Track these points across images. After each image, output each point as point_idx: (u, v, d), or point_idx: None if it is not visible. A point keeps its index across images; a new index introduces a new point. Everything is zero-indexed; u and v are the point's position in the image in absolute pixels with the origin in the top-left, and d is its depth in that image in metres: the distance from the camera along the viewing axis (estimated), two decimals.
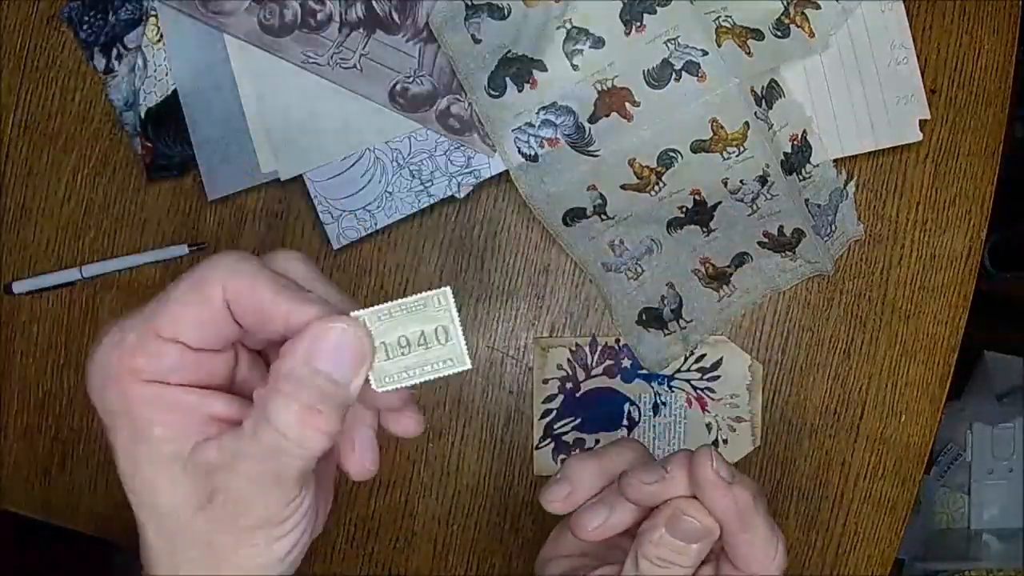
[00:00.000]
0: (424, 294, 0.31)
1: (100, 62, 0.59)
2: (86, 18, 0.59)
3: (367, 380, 0.31)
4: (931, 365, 0.60)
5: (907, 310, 0.60)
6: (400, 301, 0.31)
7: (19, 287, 0.60)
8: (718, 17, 0.56)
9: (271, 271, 0.32)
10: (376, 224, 0.57)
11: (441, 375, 0.31)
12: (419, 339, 0.31)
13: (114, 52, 0.59)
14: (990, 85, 0.61)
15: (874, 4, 0.58)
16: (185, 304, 0.31)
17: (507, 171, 0.56)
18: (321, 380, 0.30)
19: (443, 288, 0.31)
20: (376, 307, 0.31)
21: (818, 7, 0.57)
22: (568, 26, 0.55)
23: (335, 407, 0.30)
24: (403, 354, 0.31)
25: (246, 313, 0.31)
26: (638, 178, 0.56)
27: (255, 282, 0.31)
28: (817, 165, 0.57)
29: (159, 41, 0.58)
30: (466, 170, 0.56)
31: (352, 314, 0.31)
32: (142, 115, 0.58)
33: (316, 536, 0.39)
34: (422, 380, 0.31)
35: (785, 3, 0.57)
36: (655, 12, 0.55)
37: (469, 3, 0.56)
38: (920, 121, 0.59)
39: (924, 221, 0.60)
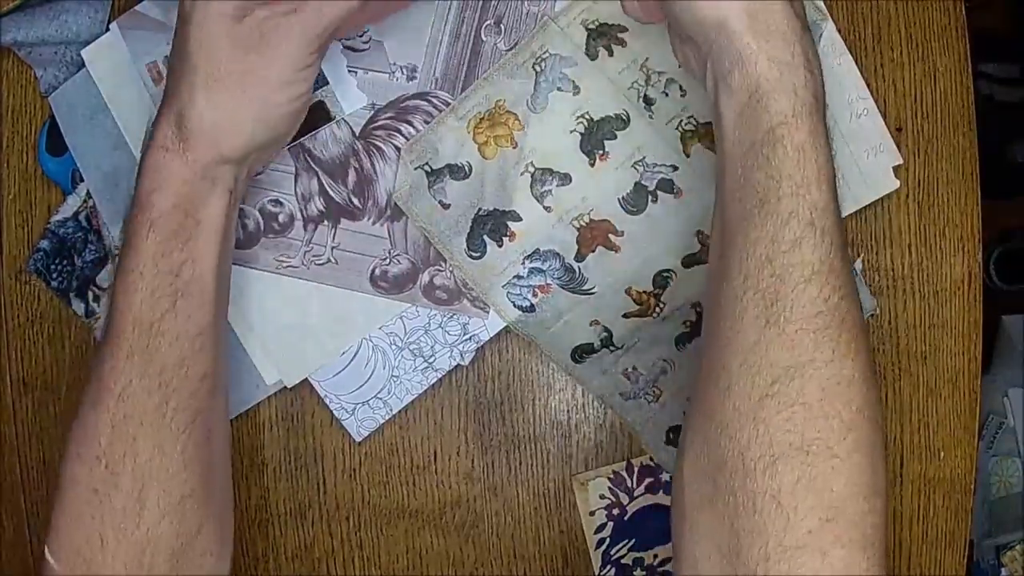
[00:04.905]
0: None
1: (79, 307, 0.58)
2: (53, 266, 0.58)
3: None
4: (958, 398, 0.60)
5: (922, 352, 0.60)
6: None
7: None
8: (680, 123, 0.55)
9: None
10: (392, 410, 0.56)
11: None
12: None
13: (90, 295, 0.58)
14: (953, 106, 0.60)
15: (823, 63, 0.57)
16: None
17: (506, 326, 0.56)
18: None
19: None
20: None
21: None
22: (531, 169, 0.55)
23: None
24: None
25: None
26: (637, 304, 0.56)
27: None
28: None
29: None
30: (464, 337, 0.56)
31: None
32: None
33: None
34: None
35: None
36: (615, 137, 0.54)
37: (428, 170, 0.55)
38: (894, 167, 0.58)
39: (919, 261, 0.60)
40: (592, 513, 0.59)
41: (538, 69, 0.54)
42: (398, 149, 0.55)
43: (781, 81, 0.41)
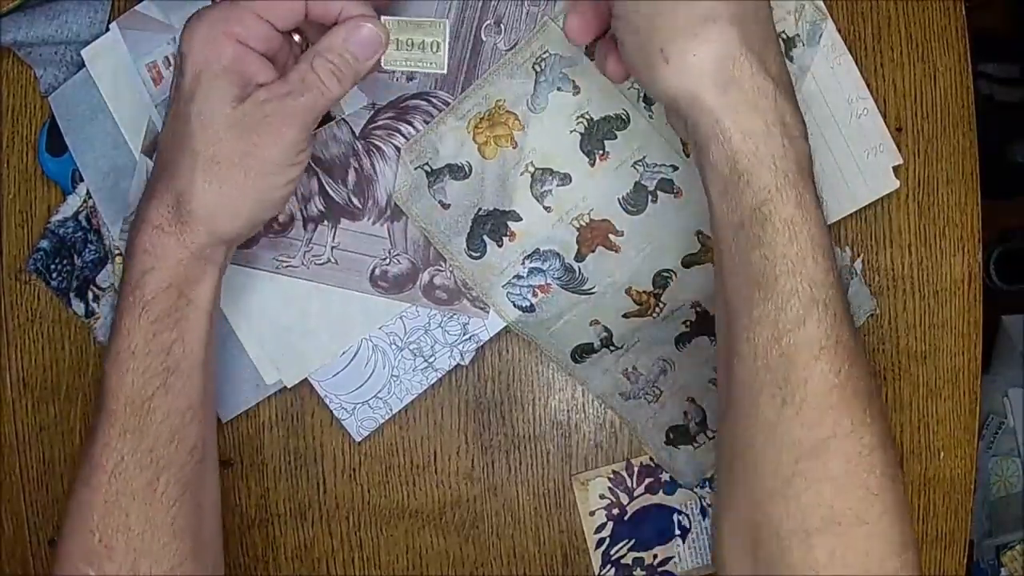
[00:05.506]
0: (431, 18, 0.47)
1: (79, 307, 0.58)
2: (53, 266, 0.58)
3: (380, 61, 0.46)
4: (957, 397, 0.60)
5: (922, 351, 0.60)
6: (415, 18, 0.46)
7: None
8: None
9: None
10: (392, 410, 0.56)
11: (426, 71, 0.48)
12: (420, 44, 0.46)
13: (90, 295, 0.58)
14: (953, 106, 0.60)
15: (823, 63, 0.58)
16: None
17: (506, 326, 0.56)
18: (348, 55, 0.45)
19: (443, 19, 0.47)
20: (397, 17, 0.46)
21: None
22: (531, 169, 0.55)
23: (352, 74, 0.45)
24: (407, 50, 0.46)
25: (316, 6, 0.45)
26: (637, 304, 0.56)
27: None
28: None
29: None
30: (464, 337, 0.56)
31: (381, 19, 0.46)
32: None
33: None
34: (414, 70, 0.50)
35: None
36: (615, 137, 0.54)
37: (428, 170, 0.55)
38: (894, 167, 0.58)
39: (919, 261, 0.60)
40: (592, 513, 0.59)
41: (538, 69, 0.54)
42: (398, 149, 0.55)
43: (758, 155, 0.40)
